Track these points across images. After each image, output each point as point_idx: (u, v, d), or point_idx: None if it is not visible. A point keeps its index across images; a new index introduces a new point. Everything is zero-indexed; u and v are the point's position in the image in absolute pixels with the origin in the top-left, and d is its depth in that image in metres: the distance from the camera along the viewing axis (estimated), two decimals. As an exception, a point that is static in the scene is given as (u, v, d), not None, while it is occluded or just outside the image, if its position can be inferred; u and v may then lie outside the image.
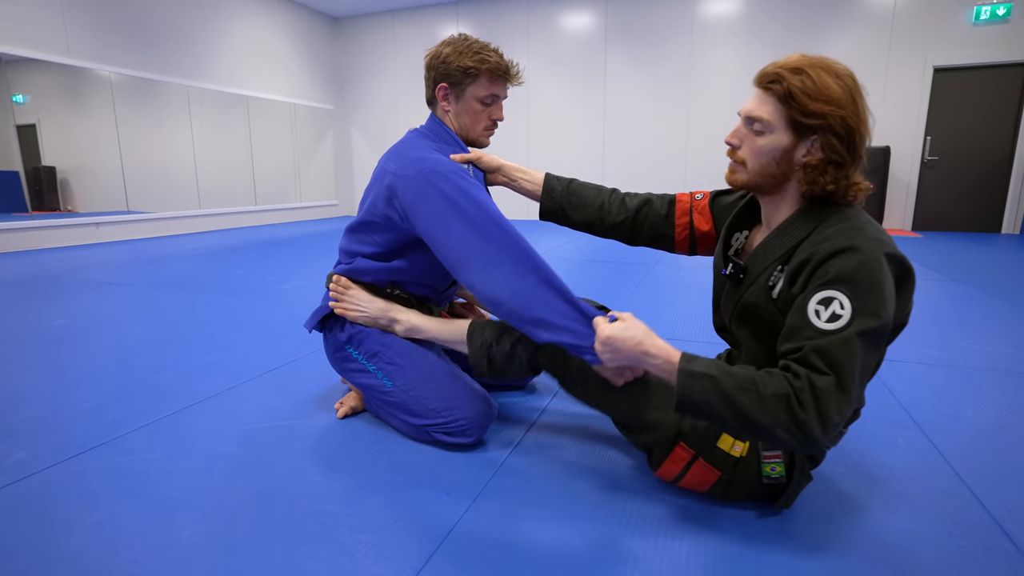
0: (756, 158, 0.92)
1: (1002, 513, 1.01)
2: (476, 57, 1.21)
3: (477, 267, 1.09)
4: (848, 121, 0.85)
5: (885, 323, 0.80)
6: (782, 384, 0.80)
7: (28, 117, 4.86)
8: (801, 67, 0.86)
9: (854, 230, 0.84)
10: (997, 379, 1.69)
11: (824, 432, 0.78)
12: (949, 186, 5.93)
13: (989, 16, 5.43)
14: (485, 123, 1.30)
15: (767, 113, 0.89)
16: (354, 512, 1.02)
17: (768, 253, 0.94)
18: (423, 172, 1.15)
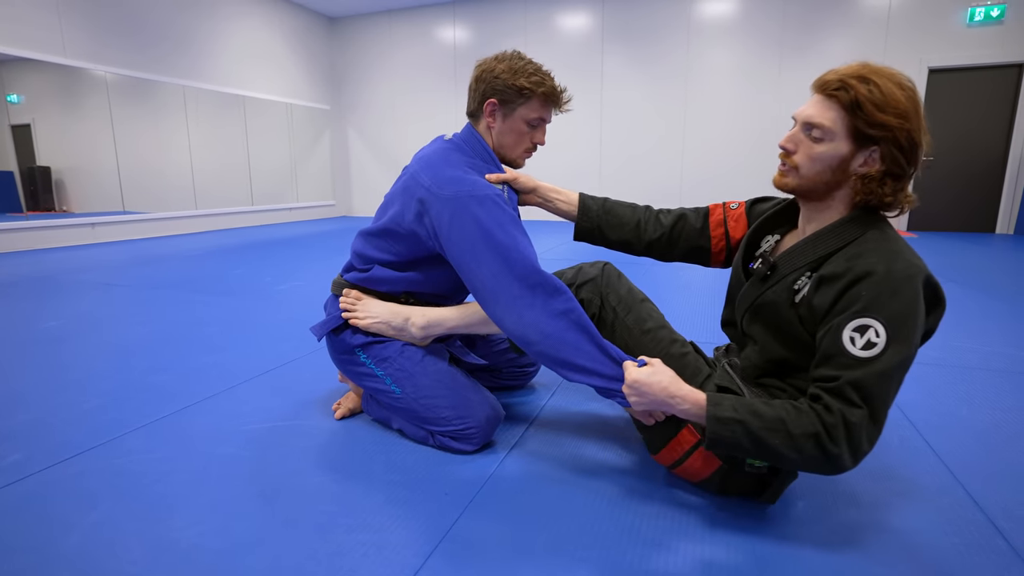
0: (811, 164, 0.91)
1: (995, 511, 1.02)
2: (533, 79, 1.20)
3: (507, 304, 1.08)
4: (913, 134, 0.84)
5: (914, 350, 0.81)
6: (812, 422, 0.81)
7: (23, 117, 4.84)
8: (868, 76, 0.84)
9: (892, 253, 0.83)
10: (992, 378, 1.70)
11: (855, 462, 0.81)
12: (944, 186, 5.96)
13: (983, 17, 5.46)
14: (527, 145, 1.28)
15: (829, 120, 0.87)
16: (352, 512, 1.03)
17: (801, 256, 0.94)
18: (460, 195, 1.12)
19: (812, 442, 0.81)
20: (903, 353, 0.79)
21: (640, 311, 1.12)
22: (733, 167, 6.54)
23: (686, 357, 1.06)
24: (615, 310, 1.12)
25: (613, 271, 1.19)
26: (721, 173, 6.57)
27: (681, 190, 6.77)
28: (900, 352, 0.79)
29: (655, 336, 1.07)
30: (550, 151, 7.24)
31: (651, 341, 1.07)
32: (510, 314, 1.07)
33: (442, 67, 7.57)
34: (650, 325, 1.09)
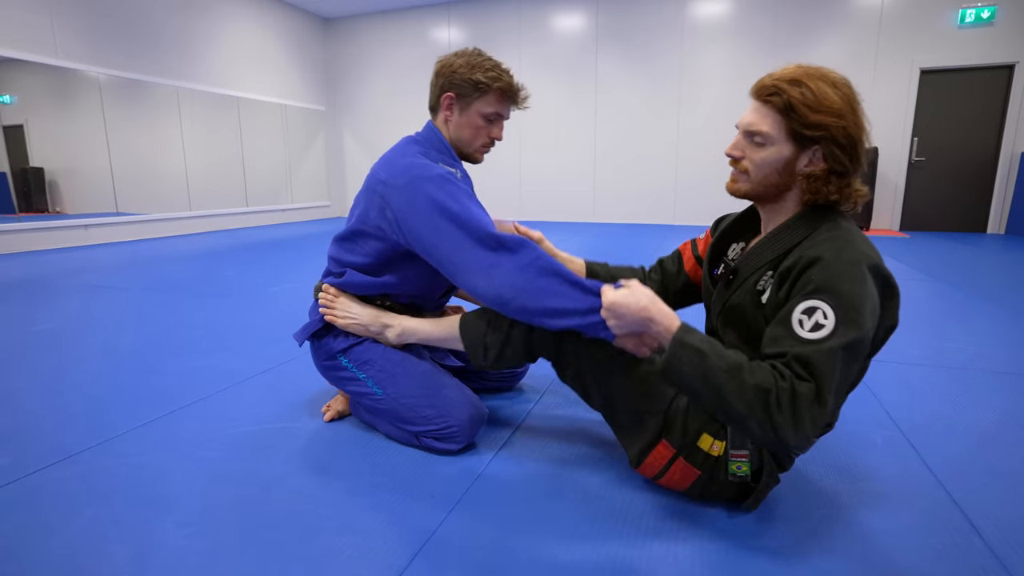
0: (758, 169, 0.93)
1: (974, 511, 1.03)
2: (489, 74, 1.22)
3: (475, 270, 1.09)
4: (850, 131, 0.86)
5: (866, 335, 0.81)
6: (767, 378, 0.80)
7: (16, 118, 4.83)
8: (799, 78, 0.86)
9: (842, 240, 0.85)
10: (975, 378, 1.72)
11: (795, 437, 0.80)
12: (936, 187, 6.00)
13: (974, 19, 5.50)
14: (484, 140, 1.30)
15: (767, 126, 0.90)
16: (339, 515, 1.03)
17: (759, 257, 0.96)
18: (413, 179, 1.15)
19: (762, 398, 0.79)
20: (851, 336, 0.79)
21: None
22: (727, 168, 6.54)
23: (654, 374, 1.01)
24: (577, 343, 1.05)
25: None
26: (715, 173, 6.59)
27: (675, 190, 6.79)
28: (848, 334, 0.79)
29: (624, 360, 1.01)
30: (545, 152, 7.26)
31: (621, 367, 1.01)
32: (480, 279, 1.08)
33: (437, 68, 7.56)
34: (617, 350, 1.02)
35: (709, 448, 0.98)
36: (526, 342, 1.09)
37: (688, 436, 0.99)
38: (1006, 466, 1.19)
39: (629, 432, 1.06)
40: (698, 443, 0.98)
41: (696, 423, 0.99)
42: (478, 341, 1.13)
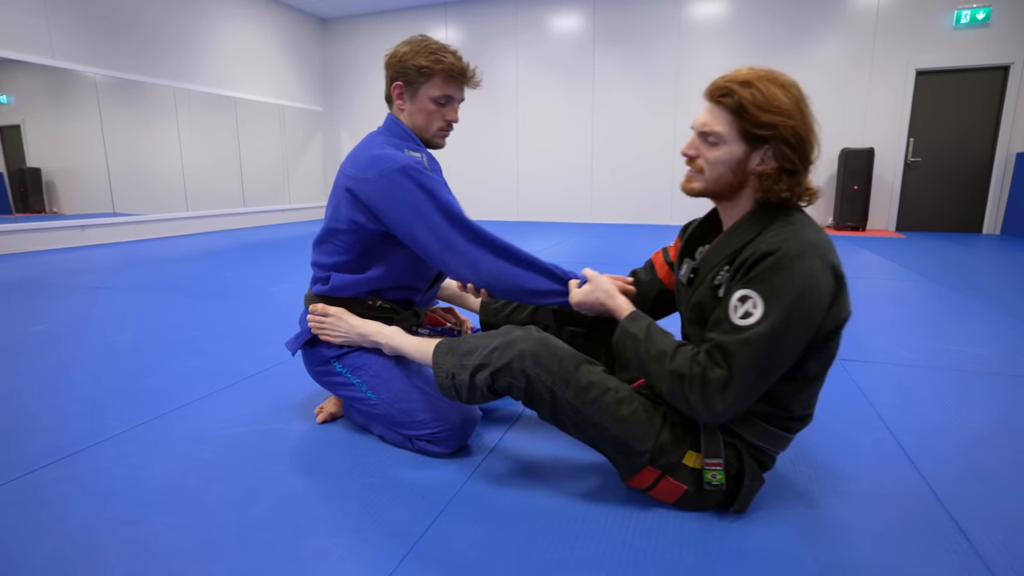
0: (712, 168, 0.96)
1: (961, 512, 1.04)
2: (432, 57, 1.23)
3: (458, 258, 1.18)
4: (798, 130, 0.89)
5: (797, 327, 0.85)
6: (684, 364, 0.91)
7: (13, 118, 4.82)
8: (750, 80, 0.90)
9: (790, 234, 0.88)
10: (968, 380, 1.73)
11: (705, 415, 0.90)
12: (932, 187, 6.02)
13: (969, 20, 5.52)
14: (439, 123, 1.31)
15: (720, 125, 0.93)
16: (330, 516, 1.04)
17: (717, 254, 0.99)
18: (384, 172, 1.18)
19: (676, 380, 0.91)
20: (775, 327, 0.84)
21: (579, 380, 1.00)
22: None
23: (635, 414, 0.99)
24: (551, 390, 1.00)
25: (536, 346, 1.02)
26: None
27: (672, 191, 6.80)
28: (772, 325, 0.84)
29: (600, 404, 0.99)
30: (542, 152, 7.27)
31: (597, 411, 0.99)
32: (464, 269, 1.19)
33: (434, 68, 7.56)
34: (593, 394, 0.99)
35: (694, 463, 0.99)
36: (491, 389, 1.06)
37: (674, 461, 0.99)
38: (995, 468, 1.20)
39: (615, 461, 1.05)
40: (683, 461, 0.99)
41: (683, 446, 0.99)
42: (447, 382, 1.10)
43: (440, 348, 1.14)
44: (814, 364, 0.93)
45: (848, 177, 5.86)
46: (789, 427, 0.99)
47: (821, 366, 0.94)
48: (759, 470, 1.01)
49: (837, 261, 0.88)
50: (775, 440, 0.99)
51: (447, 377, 1.10)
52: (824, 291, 0.86)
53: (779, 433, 0.99)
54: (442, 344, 1.15)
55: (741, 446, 0.99)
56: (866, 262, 4.05)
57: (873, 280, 3.39)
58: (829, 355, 0.94)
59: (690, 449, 0.99)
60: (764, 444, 0.99)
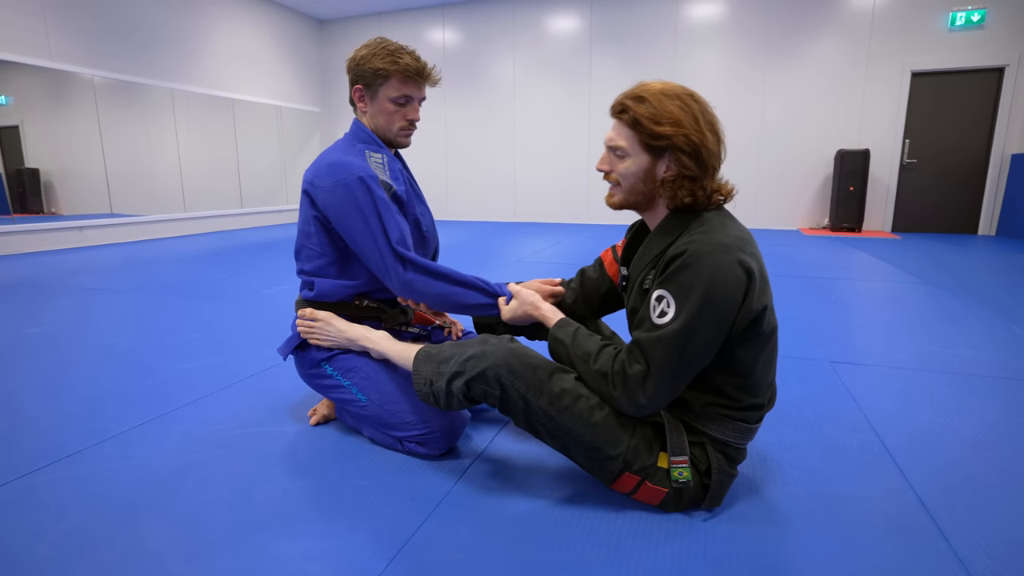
0: (624, 180, 1.03)
1: (941, 514, 1.06)
2: (388, 58, 1.25)
3: (393, 282, 1.25)
4: (692, 138, 0.94)
5: (708, 323, 0.90)
6: (606, 363, 0.99)
7: (11, 118, 4.84)
8: (642, 95, 0.97)
9: (699, 235, 0.93)
10: (954, 381, 1.75)
11: (630, 408, 0.97)
12: (928, 188, 6.04)
13: (964, 22, 5.54)
14: (400, 123, 1.33)
15: (623, 140, 1.00)
16: (321, 518, 1.06)
17: (642, 260, 1.04)
18: (338, 183, 1.23)
19: (602, 380, 0.99)
20: (686, 324, 0.90)
21: (552, 388, 1.01)
22: (721, 169, 6.59)
23: (607, 419, 1.01)
24: (525, 398, 1.02)
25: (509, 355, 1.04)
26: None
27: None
28: (683, 323, 0.90)
29: (573, 411, 1.01)
30: (539, 152, 7.28)
31: (570, 417, 1.01)
32: (398, 289, 1.25)
33: (432, 69, 7.58)
34: (566, 401, 1.01)
35: (667, 465, 1.02)
36: (467, 396, 1.08)
37: (649, 464, 1.02)
38: (981, 473, 1.22)
39: (591, 469, 1.06)
40: (658, 464, 1.02)
41: (655, 449, 1.02)
42: (426, 388, 1.13)
43: (420, 355, 1.17)
44: (745, 355, 0.97)
45: (844, 178, 5.88)
46: (745, 417, 1.02)
47: (754, 356, 0.98)
48: (727, 464, 1.03)
49: (748, 258, 0.91)
50: (736, 432, 1.02)
51: (425, 384, 1.13)
52: (732, 288, 0.90)
53: (738, 424, 1.02)
54: (422, 351, 1.17)
55: (707, 442, 1.02)
56: (861, 263, 4.08)
57: (867, 282, 3.41)
58: (760, 346, 0.98)
59: (662, 451, 1.02)
60: (727, 437, 1.02)
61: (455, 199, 7.84)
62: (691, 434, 1.03)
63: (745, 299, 0.91)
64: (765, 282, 0.96)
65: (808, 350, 2.06)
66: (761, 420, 1.06)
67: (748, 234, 0.99)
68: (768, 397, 1.05)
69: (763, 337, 0.97)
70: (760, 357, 0.99)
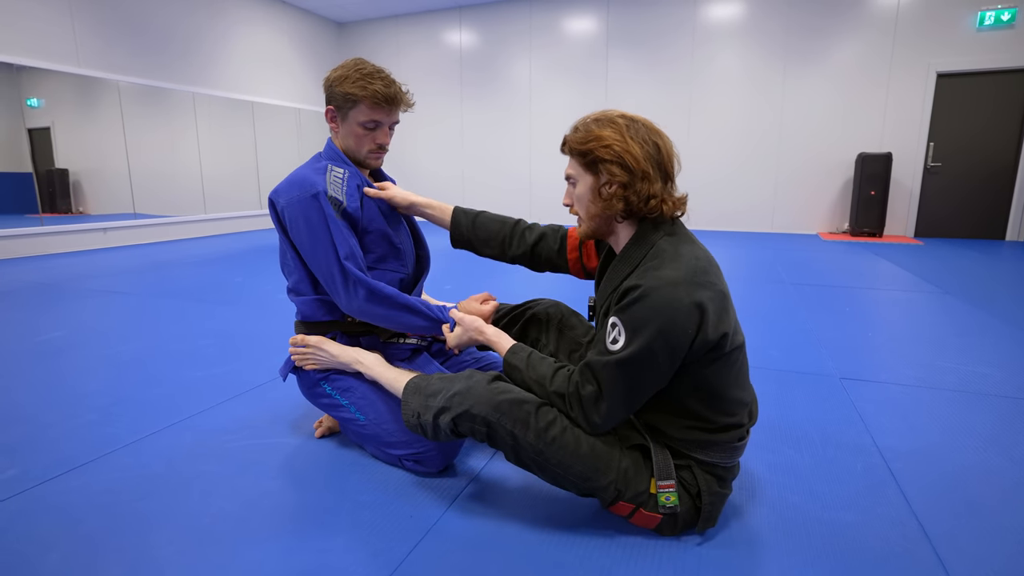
0: (581, 206, 1.08)
1: (943, 545, 1.04)
2: (359, 83, 1.26)
3: (342, 295, 1.27)
4: (613, 147, 0.99)
5: (658, 355, 0.92)
6: (561, 384, 1.03)
7: (43, 120, 4.99)
8: (577, 126, 1.06)
9: (653, 269, 0.95)
10: (969, 401, 1.71)
11: (588, 427, 1.00)
12: (952, 192, 5.89)
13: (993, 21, 5.38)
14: (369, 146, 1.34)
15: (571, 168, 1.08)
16: (320, 534, 1.08)
17: (605, 291, 1.06)
18: (291, 201, 1.27)
19: (560, 400, 1.03)
20: (634, 355, 0.92)
21: (539, 422, 1.01)
22: (736, 171, 6.52)
23: (595, 449, 1.01)
24: (512, 434, 1.02)
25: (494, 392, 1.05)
26: (724, 177, 6.55)
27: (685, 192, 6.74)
28: (631, 353, 0.93)
29: (560, 443, 1.01)
30: (555, 156, 7.26)
31: (558, 450, 1.01)
32: (345, 306, 1.28)
33: (448, 71, 7.62)
34: (553, 433, 1.01)
35: (656, 490, 1.02)
36: (454, 432, 1.09)
37: (641, 491, 1.02)
38: (985, 499, 1.19)
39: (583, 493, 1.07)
40: (650, 490, 1.01)
41: (644, 474, 1.02)
42: (414, 420, 1.14)
43: (409, 386, 1.18)
44: (711, 375, 0.97)
45: (865, 182, 5.76)
46: (726, 438, 1.01)
47: (719, 376, 0.98)
48: (717, 484, 1.03)
49: (701, 290, 0.92)
50: (721, 453, 1.02)
51: (413, 416, 1.14)
52: (682, 323, 0.91)
53: (722, 445, 1.02)
54: (411, 383, 1.19)
55: (693, 465, 1.02)
56: (880, 272, 3.99)
57: (885, 291, 3.34)
58: (725, 366, 0.98)
59: (652, 476, 1.02)
60: (712, 459, 1.02)
61: (471, 201, 7.86)
62: (678, 458, 1.03)
63: (699, 333, 0.92)
64: (723, 310, 0.95)
65: (819, 365, 2.03)
66: (745, 437, 1.05)
67: (705, 259, 0.99)
68: (747, 413, 1.05)
69: (726, 357, 0.97)
70: (727, 376, 0.99)
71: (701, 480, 1.01)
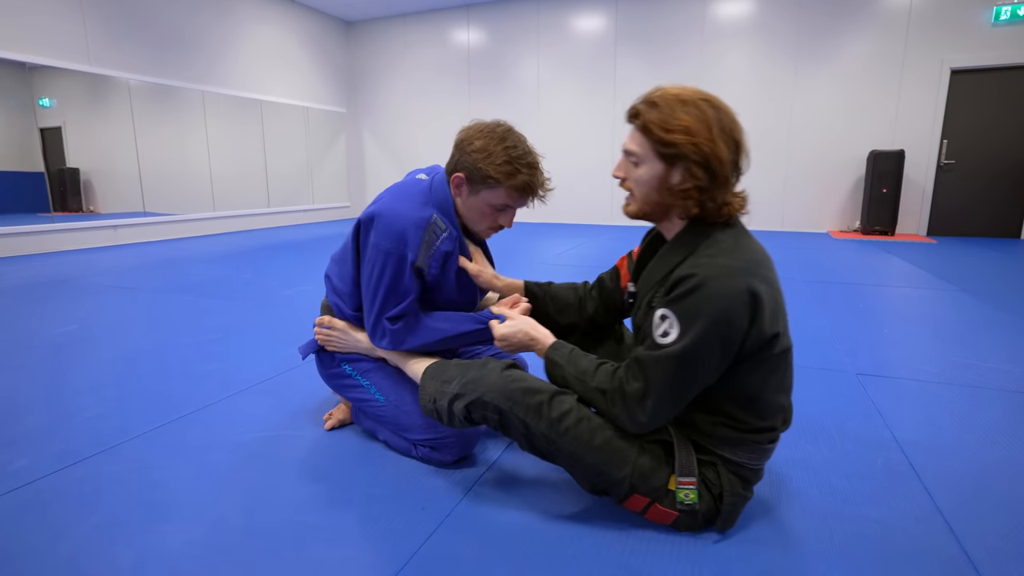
0: (639, 188, 0.99)
1: (971, 543, 1.01)
2: (504, 169, 1.16)
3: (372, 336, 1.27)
4: (702, 148, 0.90)
5: (711, 349, 0.88)
6: (604, 380, 0.98)
7: (55, 120, 5.02)
8: (654, 100, 0.93)
9: (708, 258, 0.90)
10: (989, 397, 1.67)
11: (631, 425, 0.95)
12: (966, 190, 5.81)
13: (1009, 16, 5.31)
14: (490, 224, 1.27)
15: (637, 146, 0.97)
16: (330, 525, 1.06)
17: (651, 278, 1.00)
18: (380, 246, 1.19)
19: (601, 397, 0.98)
20: (688, 348, 0.87)
21: (551, 411, 1.00)
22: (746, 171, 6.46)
23: (610, 442, 0.99)
24: (524, 423, 1.01)
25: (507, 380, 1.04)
26: (735, 176, 6.49)
27: (695, 193, 6.70)
28: (685, 346, 0.88)
29: (573, 433, 0.99)
30: (561, 153, 7.24)
31: (571, 440, 0.99)
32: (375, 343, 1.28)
33: (456, 69, 7.62)
34: (566, 424, 0.99)
35: (675, 487, 0.99)
36: (468, 419, 1.08)
37: (658, 486, 0.99)
38: (1011, 494, 1.16)
39: (598, 492, 1.05)
40: (668, 486, 0.99)
41: (663, 471, 0.99)
42: (430, 405, 1.14)
43: (427, 372, 1.17)
44: (752, 379, 0.93)
45: (876, 180, 5.69)
46: (757, 439, 0.98)
47: (761, 381, 0.94)
48: (741, 486, 1.00)
49: (759, 283, 0.87)
50: (750, 453, 0.99)
51: (430, 401, 1.13)
52: (739, 315, 0.87)
53: (751, 445, 0.99)
54: (430, 368, 1.18)
55: (719, 463, 0.99)
56: (893, 269, 3.94)
57: (899, 289, 3.30)
58: (768, 370, 0.94)
59: (672, 473, 0.99)
60: (739, 459, 0.99)
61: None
62: (703, 454, 1.00)
63: (752, 326, 0.88)
64: (778, 307, 0.92)
65: (834, 361, 2.00)
66: (776, 441, 1.02)
67: (763, 254, 0.94)
68: (781, 419, 1.01)
69: (772, 360, 0.93)
70: (769, 381, 0.95)
71: (725, 480, 0.98)
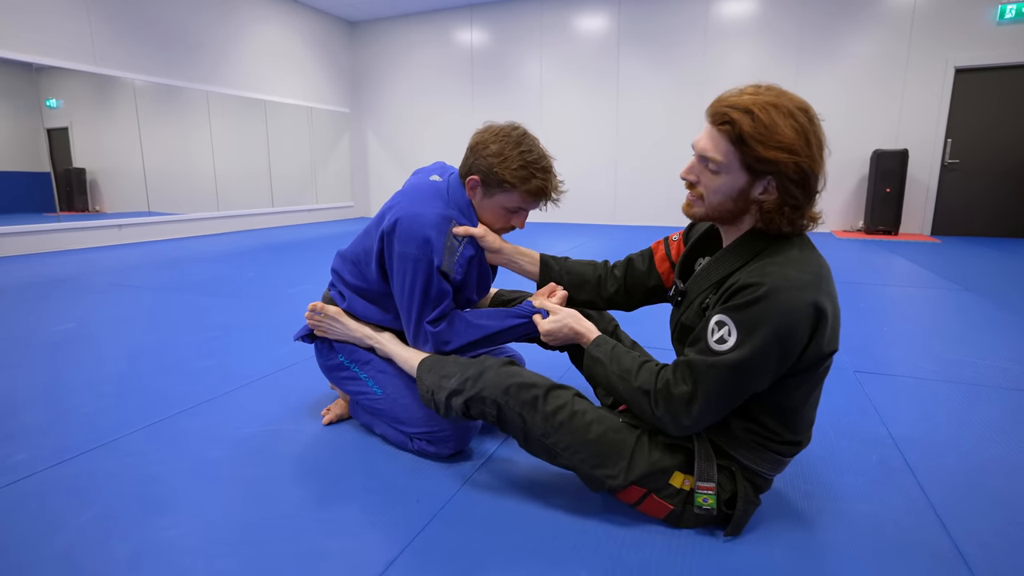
0: (713, 195, 0.92)
1: (963, 537, 1.01)
2: (518, 173, 1.19)
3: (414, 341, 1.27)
4: (802, 165, 0.84)
5: (767, 361, 0.84)
6: (648, 380, 0.95)
7: (61, 120, 5.07)
8: (750, 107, 0.84)
9: (775, 267, 0.85)
10: (986, 394, 1.67)
11: (673, 429, 0.93)
12: (971, 189, 5.78)
13: (1014, 15, 5.28)
14: (503, 225, 1.29)
15: (720, 154, 0.88)
16: (327, 518, 1.07)
17: (706, 279, 0.97)
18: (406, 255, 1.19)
19: (644, 398, 0.95)
20: (742, 358, 0.84)
21: (547, 406, 1.01)
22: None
23: (604, 436, 1.00)
24: (521, 416, 1.02)
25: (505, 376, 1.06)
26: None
27: (697, 193, 6.69)
28: (740, 356, 0.84)
29: (568, 428, 1.00)
30: (564, 152, 7.24)
31: (566, 435, 1.00)
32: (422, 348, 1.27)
33: (459, 69, 7.63)
34: (561, 418, 1.00)
35: (681, 484, 0.99)
36: (466, 414, 1.10)
37: (658, 479, 0.99)
38: (1004, 490, 1.16)
39: (592, 485, 1.04)
40: (669, 480, 0.99)
41: (664, 464, 0.99)
42: (428, 397, 1.15)
43: (424, 364, 1.18)
44: (796, 394, 0.91)
45: (880, 179, 5.67)
46: (782, 451, 0.97)
47: (804, 396, 0.92)
48: (753, 493, 0.99)
49: (822, 298, 0.84)
50: (769, 463, 0.98)
51: (428, 393, 1.14)
52: (800, 329, 0.83)
53: (773, 456, 0.97)
54: (425, 361, 1.19)
55: (736, 469, 0.98)
56: (896, 268, 3.93)
57: (901, 288, 3.28)
58: (812, 387, 0.92)
59: (677, 470, 0.99)
60: (759, 467, 0.98)
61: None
62: (721, 458, 0.98)
63: (811, 342, 0.85)
64: (838, 324, 0.89)
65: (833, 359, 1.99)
66: (795, 455, 1.00)
67: (827, 268, 0.90)
68: (808, 436, 1.00)
69: (818, 376, 0.91)
70: (810, 397, 0.93)
71: (740, 485, 0.97)
